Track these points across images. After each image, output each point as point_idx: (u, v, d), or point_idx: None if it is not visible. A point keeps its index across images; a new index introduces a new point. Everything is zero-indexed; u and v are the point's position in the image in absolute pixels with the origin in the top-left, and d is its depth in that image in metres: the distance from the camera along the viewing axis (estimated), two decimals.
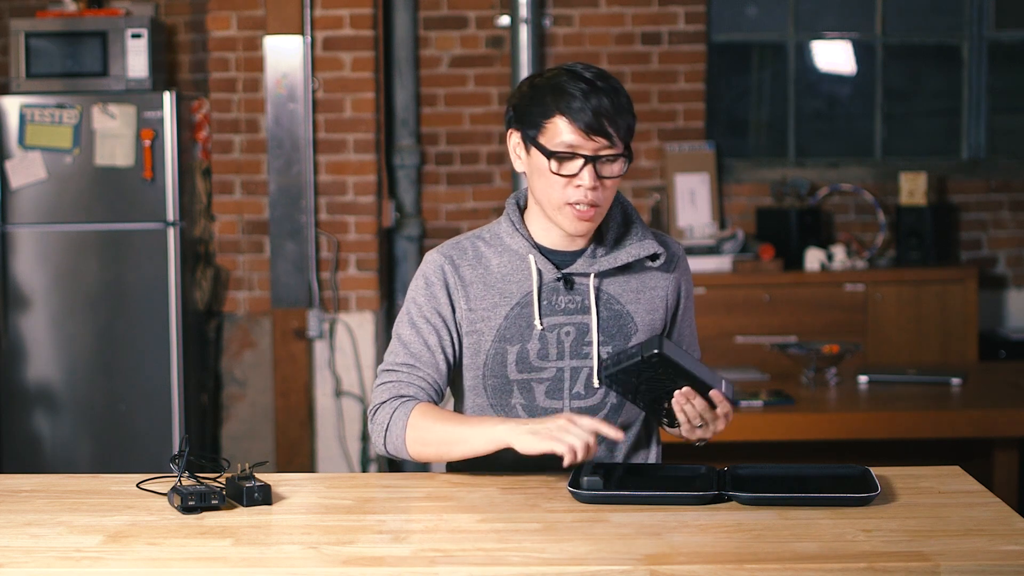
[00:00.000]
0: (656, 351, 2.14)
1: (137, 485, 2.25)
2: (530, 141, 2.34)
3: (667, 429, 2.36)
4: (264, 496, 2.14)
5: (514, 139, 2.39)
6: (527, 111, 2.35)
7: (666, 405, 2.25)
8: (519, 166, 2.39)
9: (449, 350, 2.40)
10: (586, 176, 2.29)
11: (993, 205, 5.78)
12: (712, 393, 2.22)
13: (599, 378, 2.33)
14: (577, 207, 2.31)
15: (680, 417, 2.25)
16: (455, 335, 2.41)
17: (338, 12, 5.30)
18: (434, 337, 2.39)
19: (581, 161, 2.29)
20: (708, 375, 2.21)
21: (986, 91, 5.85)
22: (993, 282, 5.78)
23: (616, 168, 2.31)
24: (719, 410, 2.24)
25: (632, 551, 1.86)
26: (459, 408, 2.49)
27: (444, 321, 2.40)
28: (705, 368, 2.23)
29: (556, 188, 2.31)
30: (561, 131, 2.30)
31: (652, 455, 2.48)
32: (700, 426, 2.26)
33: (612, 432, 2.19)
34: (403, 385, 2.37)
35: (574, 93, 2.30)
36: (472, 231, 2.48)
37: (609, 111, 2.30)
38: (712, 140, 5.71)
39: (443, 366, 2.40)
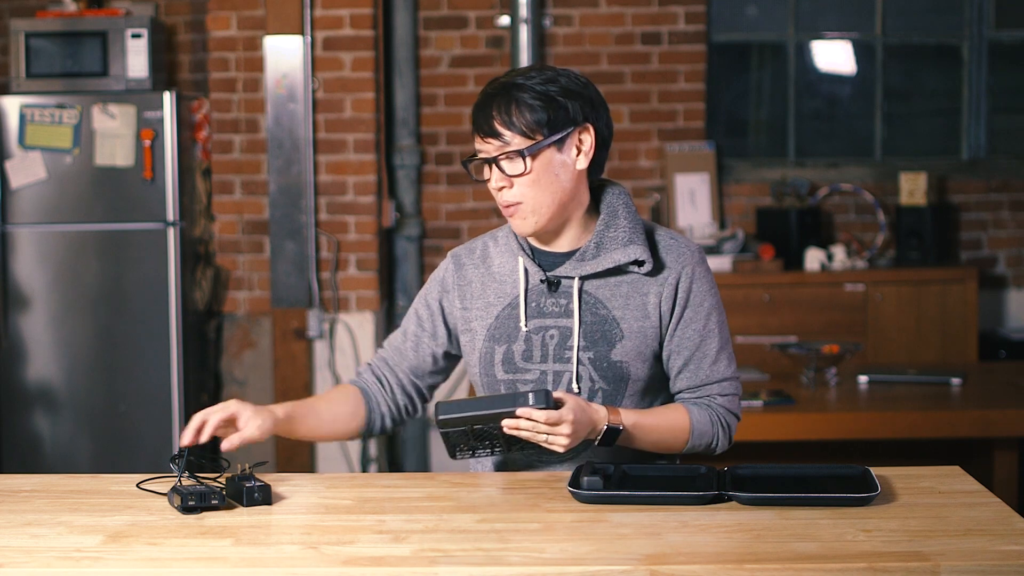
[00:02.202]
0: (440, 417, 2.18)
1: (137, 485, 2.25)
2: None
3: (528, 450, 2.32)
4: (264, 496, 2.14)
5: None
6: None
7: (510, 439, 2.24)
8: None
9: (427, 340, 2.51)
10: (494, 178, 2.34)
11: (993, 205, 5.78)
12: (519, 411, 2.16)
13: (448, 453, 2.29)
14: (506, 208, 2.36)
15: (532, 440, 2.21)
16: (439, 329, 2.50)
17: (338, 12, 5.30)
18: (413, 326, 2.53)
19: (487, 165, 2.34)
20: (510, 402, 2.18)
21: (986, 91, 5.85)
22: (993, 282, 5.78)
23: (516, 166, 2.31)
24: (543, 420, 2.17)
25: (632, 551, 1.86)
26: None
27: (431, 314, 2.51)
28: (505, 397, 2.20)
29: (493, 195, 2.38)
30: (474, 140, 2.37)
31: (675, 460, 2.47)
32: (546, 439, 2.20)
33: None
34: (364, 369, 2.58)
35: (479, 101, 2.35)
36: (493, 229, 2.53)
37: (500, 110, 2.30)
38: (712, 140, 5.71)
39: (411, 353, 2.52)
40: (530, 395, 2.18)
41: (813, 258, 5.42)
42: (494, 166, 2.32)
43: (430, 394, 2.56)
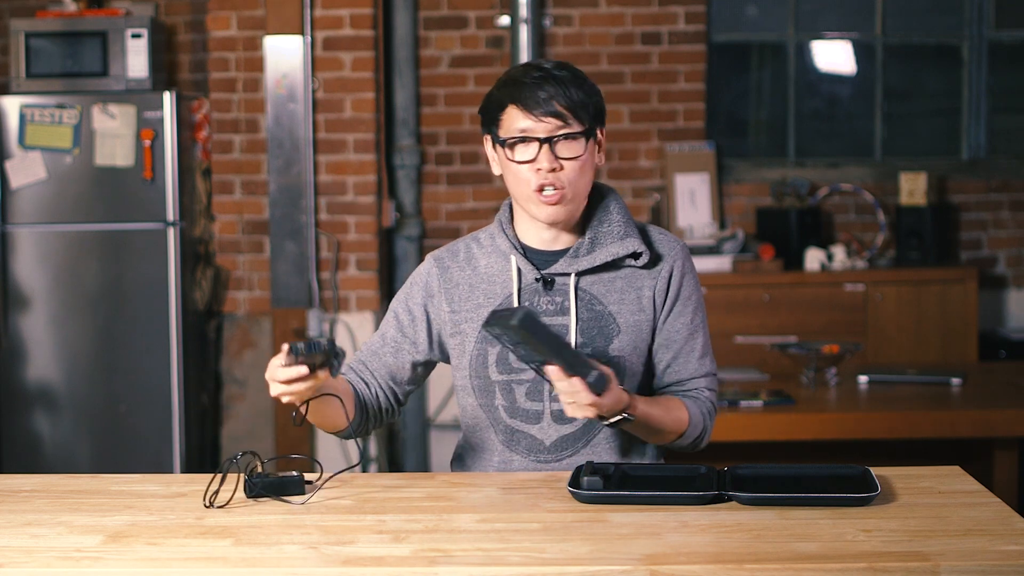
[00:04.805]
0: (517, 321, 2.10)
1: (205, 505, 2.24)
2: (493, 138, 2.36)
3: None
4: (298, 488, 2.19)
5: (488, 144, 2.40)
6: (487, 110, 2.38)
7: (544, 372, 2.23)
8: (496, 169, 2.40)
9: (407, 347, 2.46)
10: (543, 159, 2.29)
11: (993, 205, 5.78)
12: (574, 379, 2.16)
13: (487, 320, 2.24)
14: (543, 193, 2.31)
15: (558, 393, 2.21)
16: (420, 336, 2.45)
17: (338, 12, 5.30)
18: (393, 331, 2.47)
19: (536, 144, 2.29)
20: (576, 363, 2.17)
21: (986, 91, 5.85)
22: (993, 282, 5.78)
23: (575, 148, 2.30)
24: (587, 402, 2.17)
25: (632, 551, 1.86)
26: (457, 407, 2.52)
27: (413, 320, 2.46)
28: (575, 354, 2.20)
29: (521, 177, 2.32)
30: (514, 119, 2.31)
31: (648, 455, 2.46)
32: (571, 403, 2.20)
33: None
34: (346, 372, 2.49)
35: (524, 81, 2.31)
36: (473, 232, 2.50)
37: (559, 92, 2.28)
38: (712, 140, 5.71)
39: (390, 359, 2.46)
40: (594, 372, 2.17)
41: (813, 258, 5.42)
42: (546, 146, 2.29)
43: (405, 400, 2.51)
